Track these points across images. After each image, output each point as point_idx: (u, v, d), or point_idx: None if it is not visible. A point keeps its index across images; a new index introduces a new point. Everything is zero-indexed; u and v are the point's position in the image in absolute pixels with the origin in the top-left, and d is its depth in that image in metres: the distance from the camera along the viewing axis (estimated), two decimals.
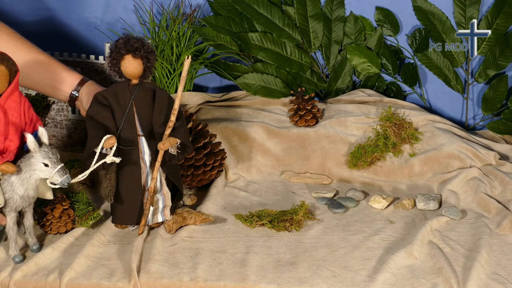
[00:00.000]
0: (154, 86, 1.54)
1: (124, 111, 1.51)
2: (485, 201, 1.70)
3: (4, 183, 1.44)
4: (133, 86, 1.51)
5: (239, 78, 2.10)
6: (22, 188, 1.44)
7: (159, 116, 1.52)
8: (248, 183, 1.84)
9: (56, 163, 1.43)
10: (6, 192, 1.44)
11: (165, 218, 1.58)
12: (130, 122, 1.52)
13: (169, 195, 1.57)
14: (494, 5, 2.02)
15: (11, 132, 1.43)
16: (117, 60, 1.48)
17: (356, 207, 1.71)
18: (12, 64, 1.41)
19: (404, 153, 1.88)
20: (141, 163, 1.54)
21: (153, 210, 1.56)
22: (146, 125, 1.52)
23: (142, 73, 1.50)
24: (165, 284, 1.40)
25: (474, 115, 2.12)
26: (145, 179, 1.54)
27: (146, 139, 1.53)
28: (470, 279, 1.37)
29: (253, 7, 2.09)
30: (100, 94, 1.52)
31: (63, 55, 1.98)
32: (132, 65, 1.48)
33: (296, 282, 1.38)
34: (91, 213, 1.59)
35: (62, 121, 1.97)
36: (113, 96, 1.51)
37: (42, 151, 1.42)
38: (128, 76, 1.50)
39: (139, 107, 1.52)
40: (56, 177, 1.43)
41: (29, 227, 1.50)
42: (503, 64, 2.02)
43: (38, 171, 1.43)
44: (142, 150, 1.54)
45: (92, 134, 1.50)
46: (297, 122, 1.96)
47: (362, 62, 2.08)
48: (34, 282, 1.41)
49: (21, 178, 1.43)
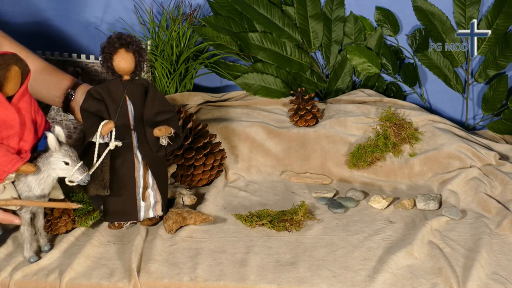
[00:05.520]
0: (147, 82, 1.56)
1: (117, 106, 1.52)
2: (485, 201, 1.70)
3: (19, 184, 1.43)
4: (125, 82, 1.53)
5: (239, 78, 2.10)
6: (39, 188, 1.44)
7: (152, 107, 1.53)
8: (248, 183, 1.84)
9: (76, 161, 1.43)
10: (22, 193, 1.43)
11: (156, 214, 1.59)
12: (123, 116, 1.53)
13: (159, 191, 1.58)
14: (494, 5, 2.02)
15: (26, 133, 1.43)
16: (110, 55, 1.50)
17: (356, 207, 1.71)
18: (25, 65, 1.42)
19: (404, 153, 1.88)
20: (134, 158, 1.54)
21: (144, 205, 1.56)
22: (139, 119, 1.53)
23: (134, 69, 1.52)
24: (165, 284, 1.40)
25: (474, 115, 2.12)
26: (138, 174, 1.55)
27: (138, 134, 1.54)
28: (470, 279, 1.37)
29: (253, 7, 2.09)
30: (94, 89, 1.54)
31: (63, 55, 1.98)
32: (124, 60, 1.50)
33: (296, 282, 1.38)
34: (91, 213, 1.60)
35: (62, 121, 1.97)
36: (106, 91, 1.52)
37: (62, 149, 1.43)
38: (121, 72, 1.52)
39: (132, 101, 1.53)
40: (76, 175, 1.43)
41: (40, 228, 1.50)
42: (503, 64, 2.02)
43: (58, 170, 1.43)
44: (135, 144, 1.54)
45: (88, 123, 1.51)
46: (297, 122, 1.96)
47: (362, 62, 2.08)
48: (34, 282, 1.41)
49: (39, 178, 1.43)
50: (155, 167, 1.57)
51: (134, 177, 1.55)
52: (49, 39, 2.12)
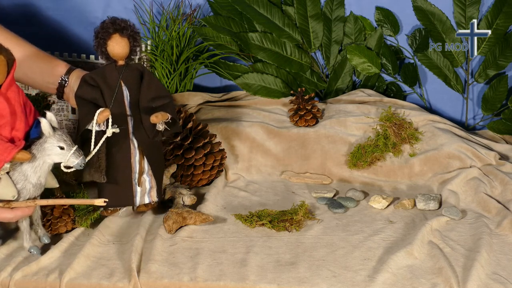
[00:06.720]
0: (142, 66, 1.54)
1: (113, 91, 1.50)
2: (485, 201, 1.70)
3: (15, 174, 1.42)
4: (120, 67, 1.52)
5: (239, 78, 2.10)
6: (35, 176, 1.42)
7: (148, 92, 1.52)
8: (248, 183, 1.84)
9: (71, 146, 1.42)
10: (18, 183, 1.42)
11: (152, 200, 1.59)
12: (119, 102, 1.51)
13: (154, 177, 1.58)
14: (494, 5, 2.02)
15: (17, 122, 1.42)
16: (104, 40, 1.49)
17: (356, 207, 1.71)
18: (10, 54, 1.40)
19: (404, 153, 1.88)
20: (130, 144, 1.54)
21: (140, 191, 1.56)
22: (134, 105, 1.53)
23: (128, 54, 1.51)
24: (165, 284, 1.40)
25: (474, 115, 2.12)
26: (134, 159, 1.55)
27: (134, 120, 1.53)
28: (470, 279, 1.37)
29: (253, 7, 2.09)
30: (88, 76, 1.52)
31: (63, 55, 1.98)
32: (119, 45, 1.49)
33: (296, 282, 1.38)
34: (91, 213, 1.59)
35: (62, 121, 1.97)
36: (101, 77, 1.51)
37: (57, 134, 1.42)
38: (115, 57, 1.50)
39: (128, 86, 1.52)
40: (72, 159, 1.42)
41: (37, 218, 1.49)
42: (503, 64, 2.02)
43: (53, 156, 1.42)
44: (131, 130, 1.54)
45: (83, 111, 1.49)
46: (297, 122, 1.95)
47: (362, 62, 2.08)
48: (34, 282, 1.41)
49: (34, 165, 1.42)
50: (151, 153, 1.57)
51: (130, 163, 1.55)
52: (48, 39, 2.12)
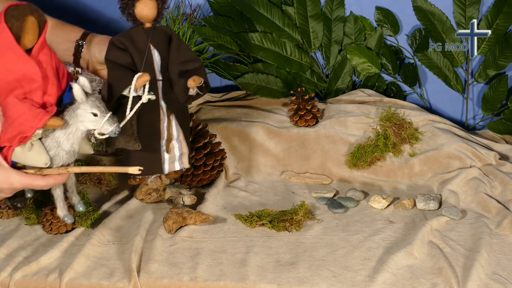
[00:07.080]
0: (169, 29, 1.48)
1: (142, 55, 1.44)
2: (485, 201, 1.70)
3: (47, 141, 1.37)
4: (148, 30, 1.45)
5: (239, 78, 2.10)
6: (68, 143, 1.38)
7: (178, 55, 1.46)
8: (248, 183, 1.84)
9: (104, 112, 1.36)
10: (51, 150, 1.37)
11: (183, 166, 1.53)
12: (148, 66, 1.45)
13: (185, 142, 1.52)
14: (494, 5, 2.02)
15: (49, 86, 1.37)
16: (133, 1, 1.42)
17: (356, 207, 1.71)
18: (41, 15, 1.35)
19: (404, 153, 1.88)
20: (159, 109, 1.48)
21: (169, 158, 1.50)
22: (164, 68, 1.46)
23: (156, 16, 1.44)
24: (165, 284, 1.40)
25: (474, 115, 2.12)
26: (163, 126, 1.48)
27: (164, 84, 1.47)
28: (470, 279, 1.37)
29: (253, 7, 2.09)
30: (116, 39, 1.45)
31: None
32: (147, 6, 1.42)
33: (296, 282, 1.38)
34: (91, 213, 1.59)
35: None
36: (129, 41, 1.44)
37: (90, 100, 1.36)
38: (143, 19, 1.43)
39: (158, 50, 1.45)
40: (106, 126, 1.36)
41: (72, 186, 1.46)
42: (503, 64, 2.02)
43: (86, 122, 1.37)
44: (160, 95, 1.47)
45: (117, 76, 1.42)
46: (297, 122, 1.95)
47: (362, 62, 2.08)
48: (34, 282, 1.41)
49: (67, 132, 1.37)
50: (181, 118, 1.50)
51: (160, 129, 1.48)
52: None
